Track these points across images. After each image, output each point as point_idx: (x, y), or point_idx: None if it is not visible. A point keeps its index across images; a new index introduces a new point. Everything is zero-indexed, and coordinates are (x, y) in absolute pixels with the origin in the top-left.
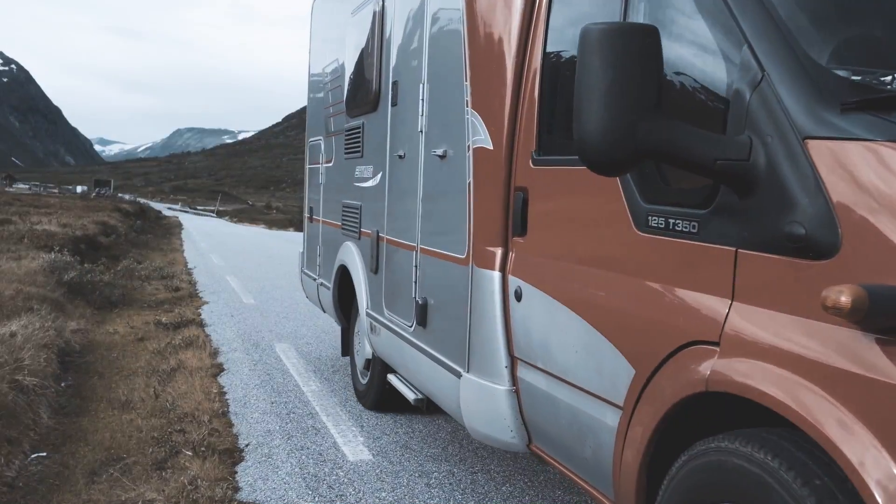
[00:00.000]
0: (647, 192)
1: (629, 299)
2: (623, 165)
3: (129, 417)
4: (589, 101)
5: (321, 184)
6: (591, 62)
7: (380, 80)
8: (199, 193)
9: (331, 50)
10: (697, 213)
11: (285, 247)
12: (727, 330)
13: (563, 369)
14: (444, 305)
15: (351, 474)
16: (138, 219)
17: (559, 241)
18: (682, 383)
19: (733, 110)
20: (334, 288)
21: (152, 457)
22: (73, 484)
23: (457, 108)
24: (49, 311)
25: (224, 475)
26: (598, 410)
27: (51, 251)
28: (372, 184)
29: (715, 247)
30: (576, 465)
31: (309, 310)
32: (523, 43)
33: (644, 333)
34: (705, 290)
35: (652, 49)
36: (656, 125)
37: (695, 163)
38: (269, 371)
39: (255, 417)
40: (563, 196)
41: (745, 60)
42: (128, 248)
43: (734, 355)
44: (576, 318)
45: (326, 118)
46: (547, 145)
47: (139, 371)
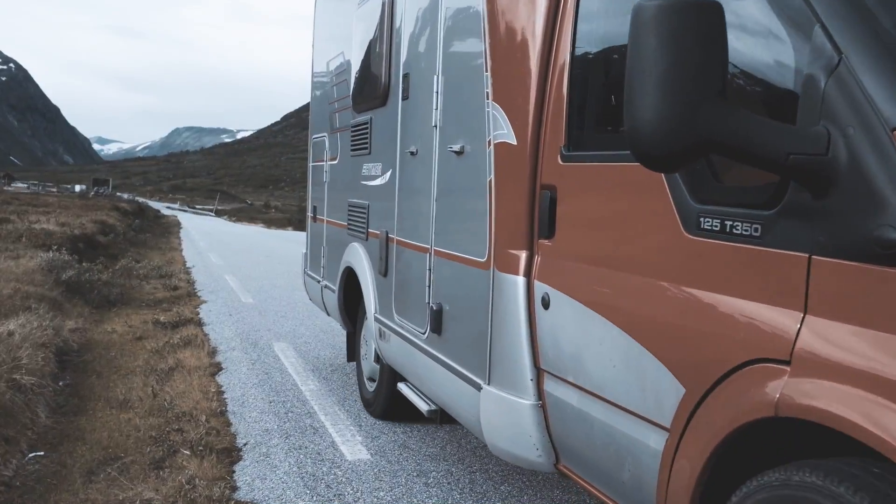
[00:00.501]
0: (699, 191)
1: (677, 310)
2: (681, 159)
3: (127, 417)
4: (643, 88)
5: (325, 182)
6: (646, 43)
7: (389, 73)
8: (198, 192)
9: (335, 44)
10: (760, 215)
11: (284, 246)
12: (800, 347)
13: (597, 384)
14: (461, 312)
15: (349, 473)
16: (137, 218)
17: (593, 245)
18: (744, 406)
19: (805, 99)
20: (340, 291)
21: (150, 456)
22: (70, 483)
23: (475, 101)
24: (47, 310)
25: (222, 474)
26: (640, 431)
27: (49, 250)
28: (381, 182)
29: (783, 253)
30: (611, 488)
31: (307, 309)
32: (550, 29)
33: (696, 348)
34: (771, 301)
35: (715, 27)
36: (720, 113)
37: (764, 157)
38: (268, 370)
39: (253, 417)
40: (598, 195)
41: (817, 43)
42: (126, 247)
43: (809, 375)
44: (614, 329)
45: (331, 114)
46: (578, 140)
47: (137, 370)
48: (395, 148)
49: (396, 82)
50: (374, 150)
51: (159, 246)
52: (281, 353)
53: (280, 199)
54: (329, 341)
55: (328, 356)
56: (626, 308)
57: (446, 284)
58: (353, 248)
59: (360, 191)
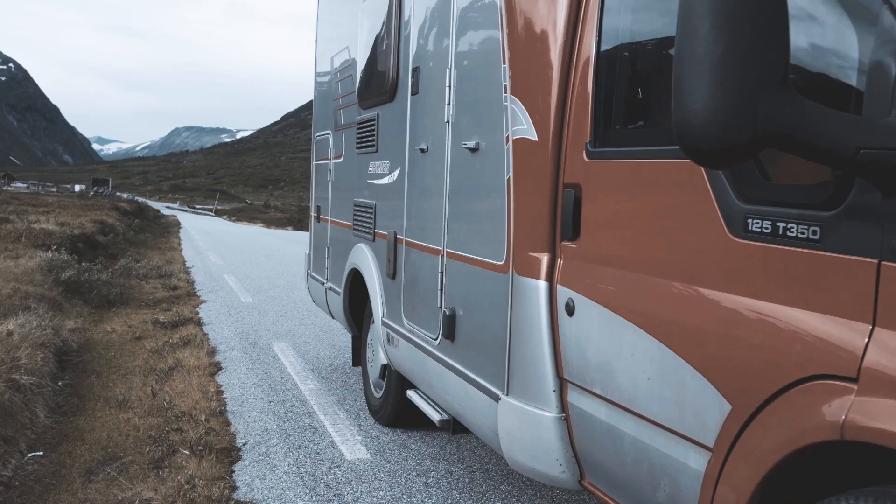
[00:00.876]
0: (745, 189)
1: (721, 319)
2: (738, 154)
3: (127, 416)
4: (695, 75)
5: (329, 181)
6: (699, 26)
7: (397, 67)
8: (198, 192)
9: (340, 40)
10: (820, 216)
11: (284, 246)
12: (868, 363)
13: (629, 398)
14: (476, 317)
15: (348, 473)
16: (136, 217)
17: (624, 247)
18: (803, 427)
19: (873, 88)
20: (345, 293)
21: (149, 456)
22: (69, 483)
23: (492, 94)
24: (46, 309)
25: (221, 474)
26: (678, 450)
27: (48, 250)
28: (388, 181)
29: (847, 258)
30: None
31: (307, 308)
32: (573, 16)
33: (743, 362)
34: (833, 311)
35: (776, 6)
36: (783, 103)
37: (831, 152)
38: (267, 370)
39: (252, 416)
40: (629, 193)
41: (886, 25)
42: (126, 246)
43: (881, 395)
44: (647, 339)
45: (335, 111)
46: (606, 135)
47: (136, 370)
48: (403, 145)
49: (405, 76)
50: (382, 147)
51: (159, 245)
52: (280, 353)
53: (280, 199)
54: (329, 340)
55: (328, 355)
56: (661, 315)
57: (460, 288)
58: (359, 249)
59: (366, 190)
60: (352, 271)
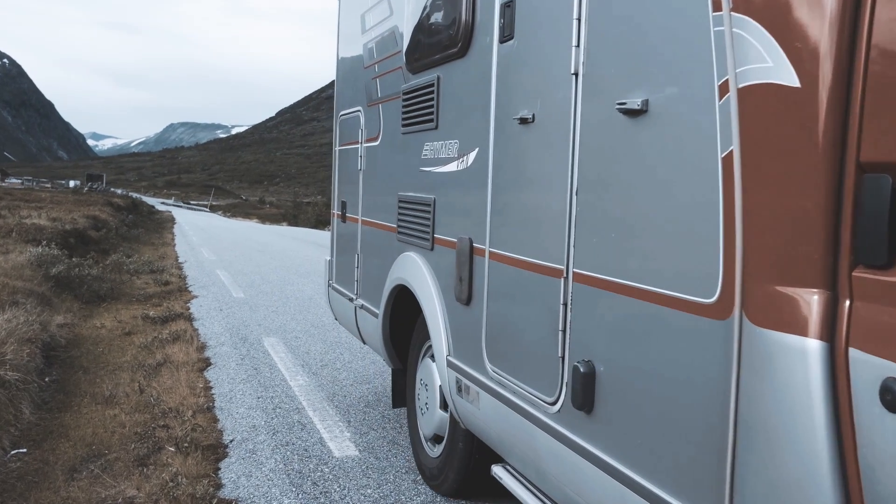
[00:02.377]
0: None
1: None
2: None
3: (113, 413)
4: None
5: (360, 170)
6: None
7: (473, 7)
8: (193, 188)
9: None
10: None
11: (277, 241)
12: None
13: None
14: (645, 386)
15: (336, 470)
16: (130, 213)
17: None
18: None
19: None
20: (384, 316)
21: (134, 453)
22: (52, 481)
23: (679, 18)
24: (35, 305)
25: (206, 471)
26: None
27: (39, 245)
28: (457, 167)
29: None
30: None
31: (298, 304)
32: None
33: None
34: None
35: None
36: None
37: None
38: (257, 365)
39: (240, 412)
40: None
41: None
42: (118, 242)
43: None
44: None
45: (369, 81)
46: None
47: (125, 366)
48: (485, 115)
49: (487, 18)
50: (445, 121)
51: (152, 241)
52: (270, 349)
53: (275, 195)
54: (320, 336)
55: (318, 351)
56: None
57: (607, 333)
58: (407, 259)
59: (418, 180)
60: (396, 288)
